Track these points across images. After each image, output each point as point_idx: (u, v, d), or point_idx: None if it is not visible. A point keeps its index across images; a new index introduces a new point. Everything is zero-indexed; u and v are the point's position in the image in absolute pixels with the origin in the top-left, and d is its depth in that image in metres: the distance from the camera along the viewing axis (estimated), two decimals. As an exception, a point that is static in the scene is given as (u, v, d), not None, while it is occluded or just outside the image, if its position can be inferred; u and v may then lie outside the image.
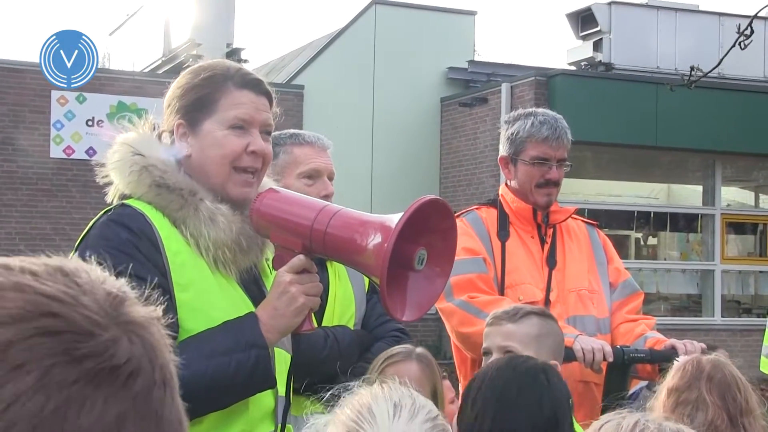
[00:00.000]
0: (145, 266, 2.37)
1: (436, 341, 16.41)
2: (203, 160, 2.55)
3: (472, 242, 4.03)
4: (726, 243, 17.92)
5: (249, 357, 2.41)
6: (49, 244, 15.33)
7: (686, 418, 2.92)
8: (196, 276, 2.45)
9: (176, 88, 2.62)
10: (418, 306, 2.39)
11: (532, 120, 4.14)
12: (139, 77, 17.33)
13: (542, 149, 4.09)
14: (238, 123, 2.55)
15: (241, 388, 2.44)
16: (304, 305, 2.46)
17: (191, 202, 2.48)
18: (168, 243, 2.43)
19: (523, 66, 19.56)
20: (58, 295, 0.88)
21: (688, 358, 3.12)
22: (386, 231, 2.23)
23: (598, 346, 3.66)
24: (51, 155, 15.63)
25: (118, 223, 2.43)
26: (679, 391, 2.98)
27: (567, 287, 4.05)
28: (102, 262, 2.34)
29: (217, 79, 2.57)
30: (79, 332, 0.86)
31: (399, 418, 1.84)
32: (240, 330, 2.43)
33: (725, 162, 17.86)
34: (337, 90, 17.80)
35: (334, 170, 3.59)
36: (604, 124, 15.77)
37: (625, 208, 18.15)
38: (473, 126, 17.54)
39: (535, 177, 4.09)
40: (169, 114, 2.61)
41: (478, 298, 3.87)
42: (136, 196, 2.50)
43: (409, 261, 2.33)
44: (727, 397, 2.94)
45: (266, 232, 2.53)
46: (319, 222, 2.38)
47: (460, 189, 17.69)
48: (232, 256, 2.50)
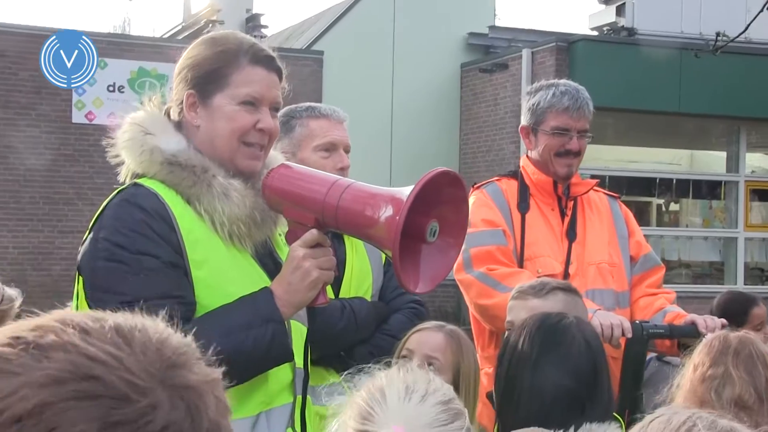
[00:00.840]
0: (159, 245, 2.40)
1: (455, 308, 16.42)
2: (212, 133, 2.56)
3: (492, 214, 4.02)
4: (749, 210, 17.81)
5: (266, 332, 2.42)
6: (72, 208, 15.46)
7: (713, 393, 2.91)
8: (210, 252, 2.46)
9: (188, 58, 2.62)
10: (432, 278, 2.40)
11: (553, 90, 4.11)
12: (159, 43, 17.35)
13: (563, 119, 4.07)
14: (249, 99, 2.56)
15: (259, 362, 2.46)
16: (318, 279, 2.48)
17: (204, 178, 2.49)
18: (182, 221, 2.45)
19: (544, 31, 19.42)
20: (102, 357, 0.88)
21: (715, 335, 3.11)
22: (397, 203, 2.23)
23: (617, 322, 3.64)
24: (73, 120, 15.69)
25: (131, 203, 2.44)
26: (706, 366, 2.97)
27: (586, 260, 4.03)
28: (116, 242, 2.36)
29: (231, 53, 2.57)
30: (116, 397, 0.86)
31: (409, 400, 1.84)
32: (255, 305, 2.45)
33: (750, 128, 17.71)
34: (357, 56, 17.74)
35: (350, 143, 3.58)
36: (627, 90, 15.66)
37: (647, 175, 18.05)
38: (493, 92, 17.46)
39: (555, 147, 4.06)
40: (179, 82, 2.61)
41: (496, 271, 3.86)
42: (148, 175, 2.52)
43: (421, 233, 2.34)
44: (755, 372, 2.93)
45: (279, 208, 2.55)
46: (331, 196, 2.39)
47: (480, 155, 17.64)
48: (247, 230, 2.52)
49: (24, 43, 15.71)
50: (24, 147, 15.50)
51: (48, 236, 15.63)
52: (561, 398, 2.49)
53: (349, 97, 16.14)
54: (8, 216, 15.54)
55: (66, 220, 15.60)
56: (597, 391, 2.53)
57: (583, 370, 2.55)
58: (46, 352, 0.87)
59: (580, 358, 2.57)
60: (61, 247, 15.46)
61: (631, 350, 3.75)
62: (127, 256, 2.39)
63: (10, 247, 15.55)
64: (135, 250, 2.39)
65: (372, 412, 1.83)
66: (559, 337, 2.61)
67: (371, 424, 1.82)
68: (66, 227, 15.54)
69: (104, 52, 15.90)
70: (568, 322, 2.65)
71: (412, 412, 1.82)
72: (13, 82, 15.57)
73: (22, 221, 15.58)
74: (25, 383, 0.84)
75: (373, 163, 16.43)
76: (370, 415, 1.83)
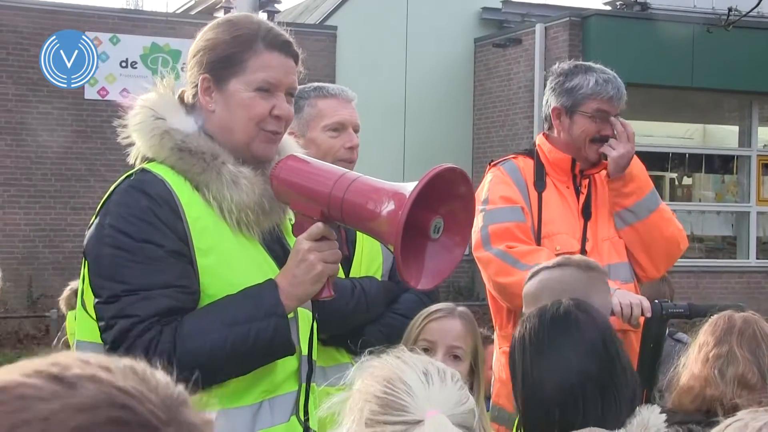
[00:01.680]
0: (164, 233, 2.39)
1: (469, 283, 16.45)
2: (228, 119, 2.55)
3: (510, 191, 4.02)
4: (762, 184, 17.76)
5: (268, 326, 2.42)
6: (84, 185, 15.48)
7: (717, 371, 2.93)
8: (217, 241, 2.46)
9: (204, 40, 2.60)
10: (435, 274, 2.40)
11: (595, 78, 4.11)
12: (172, 18, 17.32)
13: (606, 106, 4.09)
14: (265, 86, 2.55)
15: (260, 356, 2.46)
16: (322, 272, 2.47)
17: (213, 165, 2.48)
18: (188, 209, 2.44)
19: (558, 6, 19.37)
20: (130, 390, 0.93)
21: (719, 315, 3.13)
22: (401, 198, 2.23)
23: (636, 301, 3.64)
24: (85, 96, 15.69)
25: (137, 190, 2.43)
26: (710, 345, 2.99)
27: (600, 236, 4.06)
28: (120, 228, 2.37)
29: (247, 38, 2.55)
30: (145, 425, 0.92)
31: (432, 384, 1.85)
32: (259, 298, 2.44)
33: (762, 102, 17.66)
34: (370, 31, 17.70)
35: (359, 122, 3.58)
36: (639, 64, 15.60)
37: (659, 149, 18.01)
38: (507, 67, 17.42)
39: (591, 132, 4.07)
40: (193, 65, 2.60)
41: (515, 248, 3.86)
42: (158, 160, 2.50)
43: (425, 229, 2.34)
44: (758, 352, 2.95)
45: (286, 199, 2.54)
46: (337, 189, 2.38)
47: (493, 130, 17.62)
48: (256, 218, 2.51)
49: (36, 20, 15.71)
50: (36, 123, 15.52)
51: (60, 213, 15.66)
52: (582, 382, 2.48)
53: (362, 74, 16.14)
54: (20, 193, 15.57)
55: (78, 197, 15.62)
56: (614, 368, 2.52)
57: (597, 350, 2.54)
58: (76, 383, 0.92)
59: (589, 337, 2.56)
60: (73, 224, 15.50)
61: (650, 329, 3.75)
62: (130, 243, 2.38)
63: (22, 224, 15.59)
64: (139, 238, 2.38)
65: (401, 401, 1.83)
66: (562, 324, 2.59)
67: (406, 413, 1.82)
68: (78, 204, 15.57)
69: (117, 27, 15.90)
70: (567, 306, 2.64)
71: (440, 394, 1.84)
72: (25, 58, 15.57)
73: (34, 198, 15.60)
74: (61, 408, 0.89)
75: (387, 139, 16.42)
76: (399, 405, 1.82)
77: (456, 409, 1.83)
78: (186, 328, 2.35)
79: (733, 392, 2.89)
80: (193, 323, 2.37)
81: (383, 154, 15.54)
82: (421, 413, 1.80)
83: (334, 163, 2.97)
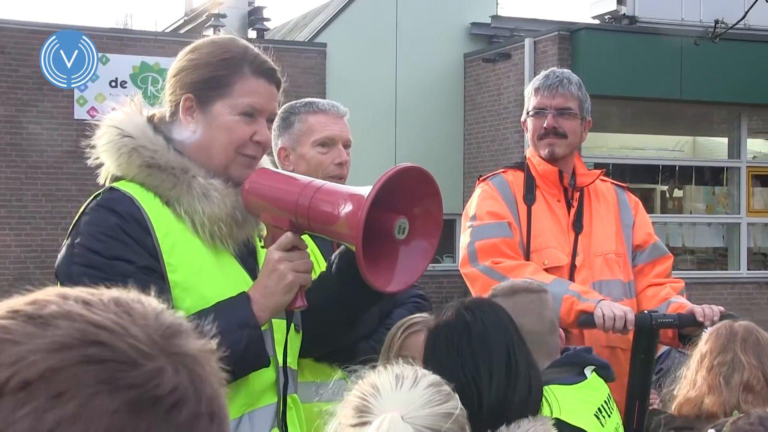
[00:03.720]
0: (134, 250, 2.39)
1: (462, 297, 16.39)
2: (208, 140, 2.54)
3: (498, 206, 4.01)
4: (752, 195, 17.81)
5: (241, 338, 2.40)
6: (76, 205, 15.42)
7: (722, 379, 2.94)
8: (187, 255, 2.45)
9: (187, 60, 2.59)
10: (405, 276, 2.40)
11: (537, 77, 4.21)
12: (161, 37, 17.33)
13: (537, 100, 4.11)
14: (249, 110, 2.54)
15: (234, 368, 2.41)
16: (293, 282, 2.46)
17: (183, 179, 2.48)
18: (157, 225, 2.43)
19: (547, 20, 19.43)
20: (107, 324, 0.89)
21: (719, 325, 3.14)
22: (359, 199, 2.24)
23: (620, 313, 3.63)
24: (75, 117, 15.66)
25: (106, 208, 2.44)
26: (714, 353, 3.00)
27: (593, 251, 4.03)
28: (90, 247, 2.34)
29: (235, 61, 2.55)
30: (123, 361, 0.88)
31: (401, 387, 1.87)
32: (231, 310, 2.43)
33: (751, 114, 17.73)
34: (360, 47, 17.73)
35: (350, 138, 3.56)
36: (629, 77, 15.67)
37: (650, 162, 18.07)
38: (497, 82, 17.46)
39: (537, 129, 4.09)
40: (175, 83, 2.58)
41: (502, 264, 3.85)
42: (127, 178, 2.50)
43: (387, 231, 2.34)
44: (762, 357, 2.97)
45: (257, 212, 2.54)
46: (303, 197, 2.39)
47: (484, 145, 17.64)
48: (228, 230, 2.51)
49: (25, 40, 15.71)
50: (26, 144, 15.50)
51: (51, 234, 15.61)
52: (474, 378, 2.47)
53: (352, 89, 16.16)
54: (11, 214, 15.53)
55: (69, 218, 15.38)
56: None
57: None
58: (50, 321, 0.88)
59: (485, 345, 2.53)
60: (65, 244, 15.45)
61: (640, 340, 3.74)
62: (101, 261, 2.38)
63: (13, 246, 15.55)
64: (109, 255, 2.38)
65: (367, 404, 1.85)
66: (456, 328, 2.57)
67: (368, 415, 1.84)
68: (68, 225, 15.33)
69: (106, 47, 15.90)
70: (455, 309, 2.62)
71: (405, 396, 1.85)
72: (14, 78, 15.56)
73: (25, 219, 15.57)
74: (32, 350, 0.86)
75: (377, 154, 16.43)
76: (366, 407, 1.85)
77: (420, 411, 1.83)
78: None
79: (738, 398, 2.91)
80: None
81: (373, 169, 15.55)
82: (381, 413, 1.81)
83: (324, 179, 2.96)
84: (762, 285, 17.30)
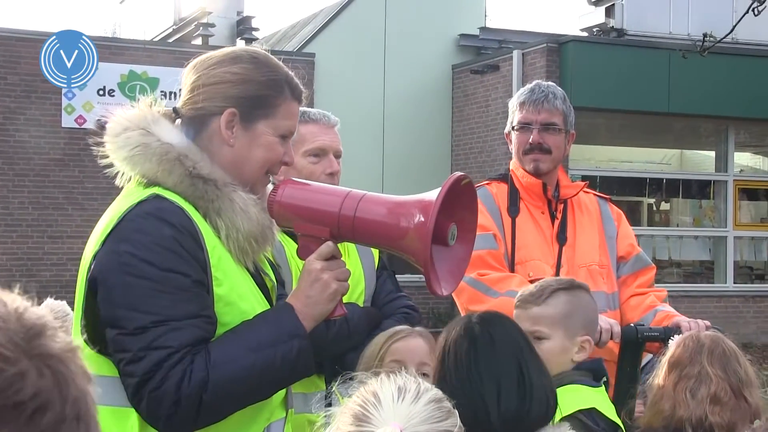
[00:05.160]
0: (188, 263, 2.35)
1: (449, 309, 16.42)
2: (245, 157, 2.53)
3: (483, 218, 3.99)
4: (738, 209, 17.88)
5: (292, 347, 2.41)
6: (62, 213, 15.41)
7: (688, 393, 2.95)
8: (229, 270, 2.44)
9: (230, 73, 2.54)
10: (452, 276, 2.47)
11: (521, 90, 4.19)
12: (149, 46, 17.31)
13: (522, 114, 4.11)
14: (286, 133, 2.58)
15: (286, 377, 2.46)
16: (336, 291, 2.49)
17: (225, 192, 2.46)
18: (207, 238, 2.40)
19: (535, 32, 19.49)
20: None
21: (687, 334, 3.16)
22: (426, 208, 2.31)
23: (606, 326, 3.63)
24: (63, 125, 15.64)
25: (158, 218, 2.36)
26: (681, 366, 3.01)
27: (577, 263, 4.02)
28: (142, 256, 2.31)
29: (280, 83, 2.56)
30: None
31: (403, 400, 1.87)
32: (279, 321, 2.44)
33: (738, 127, 17.79)
34: (349, 57, 17.76)
35: (341, 148, 3.57)
36: (616, 90, 15.71)
37: (637, 175, 18.12)
38: (485, 93, 17.50)
39: (522, 144, 4.09)
40: (212, 92, 2.53)
41: (487, 276, 3.85)
42: (165, 186, 2.44)
43: (442, 237, 2.39)
44: (729, 369, 2.98)
45: (289, 224, 2.55)
46: (346, 208, 2.43)
47: (472, 156, 17.67)
48: (257, 247, 2.50)
49: (13, 47, 15.68)
50: (13, 152, 15.46)
51: (37, 242, 15.57)
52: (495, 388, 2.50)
53: (340, 99, 16.17)
54: (-3, 221, 15.51)
55: (56, 226, 15.54)
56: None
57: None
58: None
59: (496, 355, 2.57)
60: (51, 253, 15.43)
61: (626, 353, 3.74)
62: (156, 273, 2.31)
63: (-1, 253, 15.52)
64: (164, 267, 2.32)
65: (367, 414, 1.85)
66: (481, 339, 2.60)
67: (368, 425, 1.83)
68: (56, 233, 15.49)
69: (93, 56, 15.88)
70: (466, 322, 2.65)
71: (407, 410, 1.85)
72: (2, 86, 15.54)
73: (11, 227, 15.52)
74: None
75: (366, 165, 16.44)
76: (365, 416, 1.85)
77: (419, 426, 1.83)
78: (215, 356, 2.32)
79: (704, 410, 2.92)
80: (220, 351, 2.34)
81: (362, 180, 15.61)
82: (380, 425, 1.81)
83: None
84: (748, 298, 17.35)
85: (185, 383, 2.26)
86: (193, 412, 2.28)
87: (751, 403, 2.95)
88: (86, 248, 2.47)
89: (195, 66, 2.60)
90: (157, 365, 2.28)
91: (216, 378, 2.29)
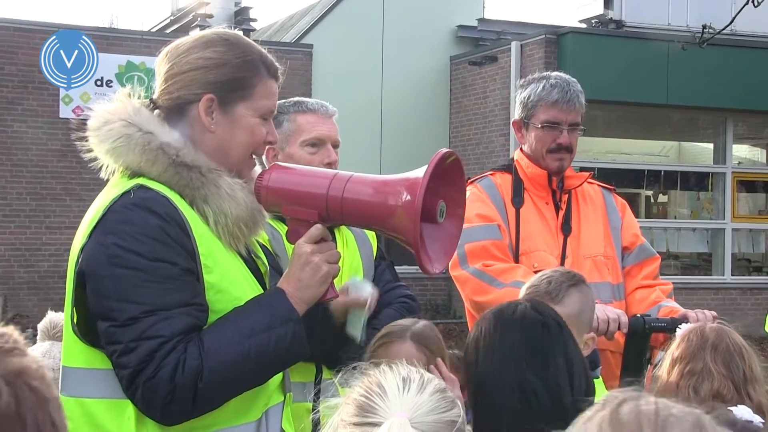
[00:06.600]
0: (176, 251, 2.34)
1: (446, 300, 16.43)
2: (228, 141, 2.53)
3: (487, 209, 3.99)
4: (737, 201, 17.88)
5: (286, 332, 2.41)
6: (60, 203, 15.39)
7: (691, 389, 2.94)
8: (218, 257, 2.43)
9: (204, 59, 2.53)
10: (444, 253, 2.47)
11: (543, 83, 4.07)
12: (147, 36, 17.28)
13: (552, 113, 4.03)
14: (267, 114, 2.57)
15: (280, 363, 2.47)
16: (328, 273, 2.49)
17: (210, 178, 2.45)
18: (194, 226, 2.39)
19: (533, 24, 19.48)
20: None
21: (691, 327, 3.13)
22: (413, 187, 2.30)
23: (614, 316, 3.63)
24: (60, 115, 15.61)
25: (143, 208, 2.35)
26: (684, 361, 2.99)
27: (582, 254, 4.01)
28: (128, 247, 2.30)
29: (255, 63, 2.55)
30: None
31: (408, 390, 1.86)
32: (272, 306, 2.43)
33: (737, 119, 17.78)
34: (347, 49, 17.73)
35: (338, 138, 3.56)
36: (615, 82, 15.70)
37: (635, 167, 18.11)
38: (483, 85, 17.48)
39: (547, 142, 4.03)
40: (188, 80, 2.52)
41: (492, 266, 3.83)
42: (150, 176, 2.43)
43: (431, 215, 2.39)
44: (732, 366, 2.96)
45: (277, 208, 2.55)
46: (333, 189, 2.42)
47: (469, 148, 17.65)
48: (247, 231, 2.51)
49: (10, 38, 15.65)
50: (11, 142, 15.44)
51: (35, 232, 15.56)
52: (525, 381, 2.50)
53: (338, 91, 16.15)
54: (-5, 212, 15.49)
55: (54, 216, 15.53)
56: (548, 373, 2.54)
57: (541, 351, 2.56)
58: None
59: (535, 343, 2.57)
60: (49, 244, 15.42)
61: (632, 344, 3.74)
62: (144, 263, 2.30)
63: (-3, 244, 15.50)
64: (152, 257, 2.31)
65: (373, 404, 1.84)
66: (512, 325, 2.60)
67: (373, 416, 1.83)
68: (53, 223, 15.48)
69: (92, 46, 15.85)
70: (524, 308, 2.65)
71: (413, 401, 1.84)
72: (-1, 77, 15.52)
73: (9, 217, 15.51)
74: None
75: (364, 156, 16.42)
76: (371, 407, 1.84)
77: (426, 417, 1.82)
78: (208, 343, 2.32)
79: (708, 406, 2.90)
80: (213, 338, 2.34)
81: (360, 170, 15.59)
82: (387, 416, 1.81)
83: None
84: (746, 290, 17.36)
85: (179, 372, 2.26)
86: (189, 400, 2.28)
87: (754, 399, 2.93)
88: (74, 241, 2.46)
89: (167, 54, 2.60)
90: (150, 355, 2.27)
91: (210, 365, 2.29)
